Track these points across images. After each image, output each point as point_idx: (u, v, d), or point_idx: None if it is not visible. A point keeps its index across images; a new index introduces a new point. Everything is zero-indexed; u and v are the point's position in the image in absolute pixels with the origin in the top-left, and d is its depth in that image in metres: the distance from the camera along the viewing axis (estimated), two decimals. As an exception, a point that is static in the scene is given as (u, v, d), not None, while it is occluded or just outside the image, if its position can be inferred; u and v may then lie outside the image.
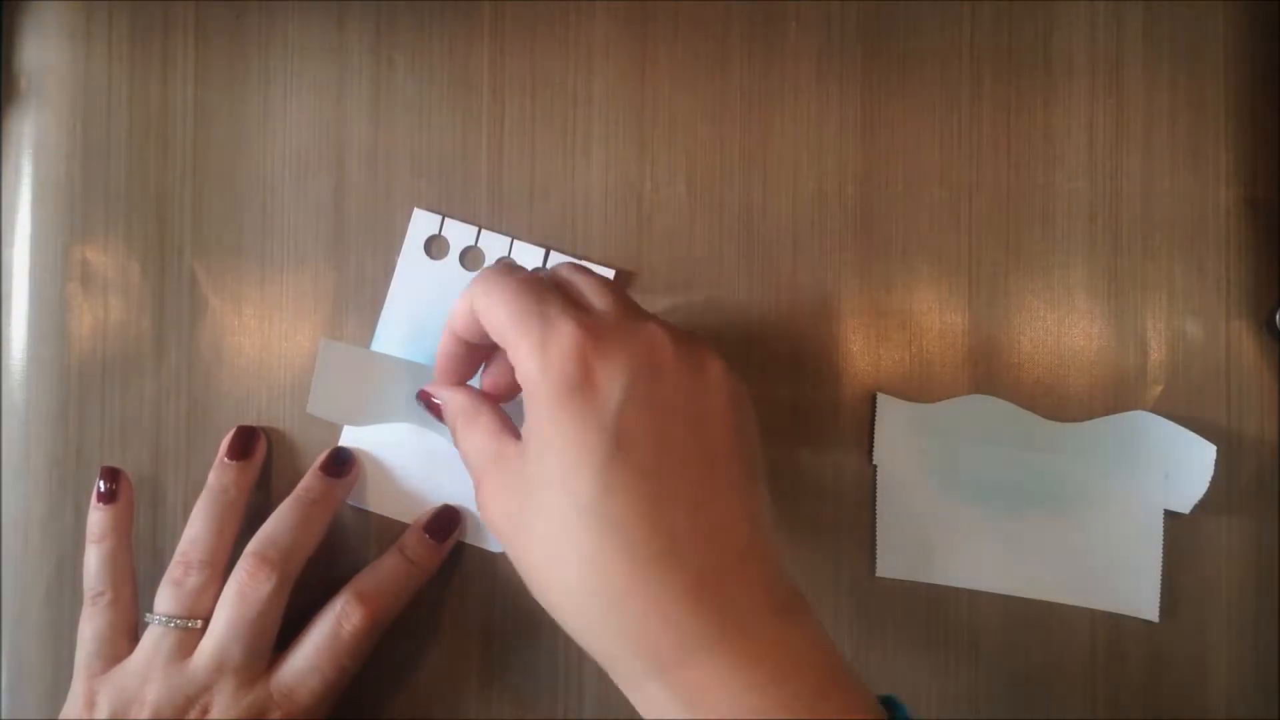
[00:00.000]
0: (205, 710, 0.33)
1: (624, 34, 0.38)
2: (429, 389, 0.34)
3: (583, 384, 0.27)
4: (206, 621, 0.34)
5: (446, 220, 0.38)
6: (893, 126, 0.38)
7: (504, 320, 0.29)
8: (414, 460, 0.38)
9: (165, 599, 0.34)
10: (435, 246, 0.38)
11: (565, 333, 0.28)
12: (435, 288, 0.38)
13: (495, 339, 0.30)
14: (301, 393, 0.38)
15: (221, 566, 0.35)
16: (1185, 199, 0.38)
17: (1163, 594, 0.37)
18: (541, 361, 0.28)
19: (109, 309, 0.38)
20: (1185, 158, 0.38)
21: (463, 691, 0.38)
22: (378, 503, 0.38)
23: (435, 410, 0.34)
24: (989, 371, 0.38)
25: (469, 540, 0.38)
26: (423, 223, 0.38)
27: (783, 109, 0.38)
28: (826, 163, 0.38)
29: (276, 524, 0.35)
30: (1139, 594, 0.37)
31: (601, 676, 0.38)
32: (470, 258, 0.38)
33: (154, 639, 0.34)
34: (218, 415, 0.38)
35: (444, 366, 0.33)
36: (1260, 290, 0.38)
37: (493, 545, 0.38)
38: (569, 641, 0.38)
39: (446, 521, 0.37)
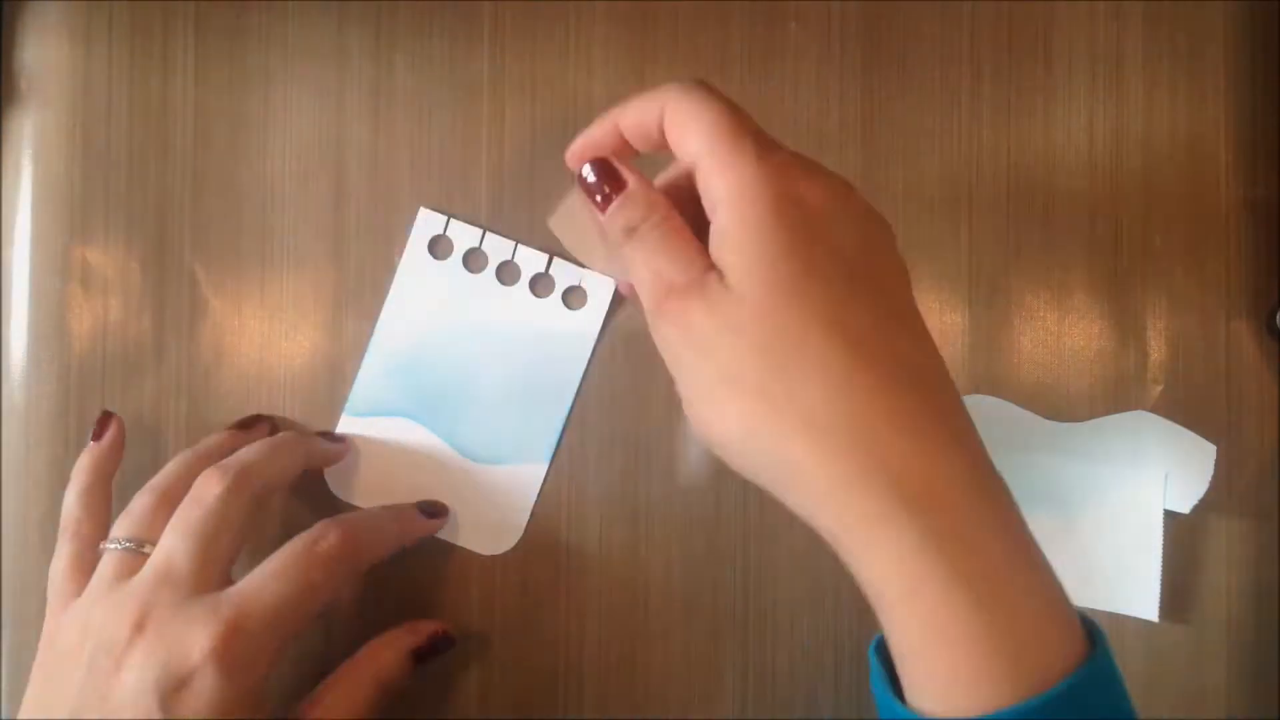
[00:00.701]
0: (141, 624, 0.30)
1: (624, 34, 0.38)
2: (598, 160, 0.29)
3: (799, 199, 0.26)
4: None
5: (452, 221, 0.38)
6: (893, 126, 0.38)
7: (711, 129, 0.27)
8: (408, 460, 0.38)
9: (118, 525, 0.33)
10: (439, 247, 0.38)
11: (781, 152, 0.27)
12: (437, 288, 0.38)
13: (688, 150, 0.27)
14: (301, 393, 0.38)
15: (177, 496, 0.33)
16: (1185, 199, 0.38)
17: (1163, 594, 0.37)
18: (758, 174, 0.26)
19: (109, 309, 0.38)
20: (1185, 158, 0.38)
21: (463, 691, 0.38)
22: (367, 498, 0.38)
23: (596, 191, 0.29)
24: (989, 371, 0.38)
25: (461, 543, 0.38)
26: (427, 222, 0.38)
27: (783, 109, 0.38)
28: (826, 162, 0.38)
29: (244, 448, 0.34)
30: (1139, 594, 0.37)
31: (602, 676, 0.38)
32: (473, 260, 0.38)
33: (103, 565, 0.32)
34: (218, 415, 0.38)
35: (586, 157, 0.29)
36: (1260, 290, 0.38)
37: (486, 549, 0.38)
38: (569, 641, 0.38)
39: (437, 507, 0.37)
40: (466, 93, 0.39)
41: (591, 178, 0.29)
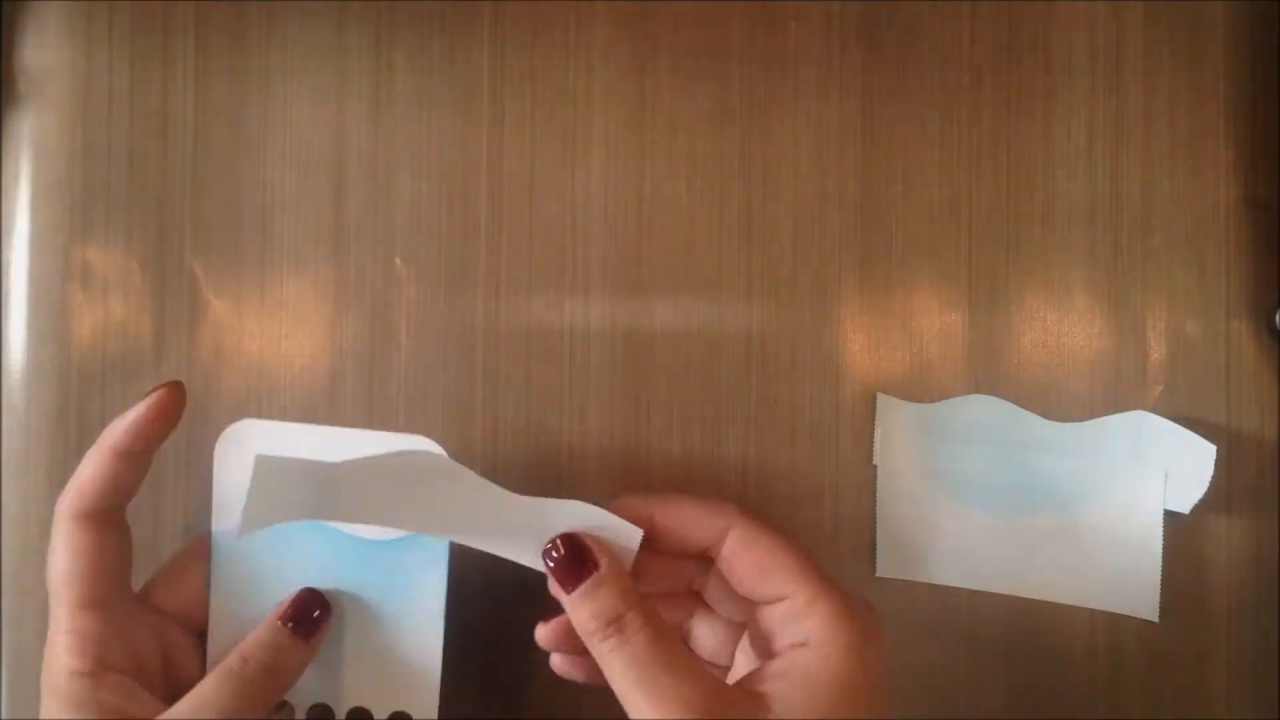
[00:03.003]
0: None
1: (624, 34, 0.38)
2: (570, 537, 0.28)
3: (882, 684, 0.26)
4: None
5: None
6: (893, 126, 0.38)
7: (804, 572, 0.27)
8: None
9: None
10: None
11: (876, 615, 0.27)
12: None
13: (772, 589, 0.27)
14: (301, 393, 0.38)
15: None
16: (1185, 199, 0.38)
17: (1163, 594, 0.37)
18: (861, 641, 0.26)
19: (109, 309, 0.38)
20: (1185, 158, 0.38)
21: (463, 693, 0.38)
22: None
23: (563, 570, 0.27)
24: (989, 371, 0.38)
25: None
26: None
27: (783, 109, 0.38)
28: (826, 163, 0.38)
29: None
30: (1139, 594, 0.37)
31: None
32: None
33: None
34: (218, 415, 0.38)
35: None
36: (1260, 290, 0.38)
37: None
38: (569, 641, 0.38)
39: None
40: (466, 93, 0.39)
41: (558, 557, 0.28)
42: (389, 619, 0.31)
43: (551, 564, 0.28)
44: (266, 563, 0.31)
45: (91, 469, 0.30)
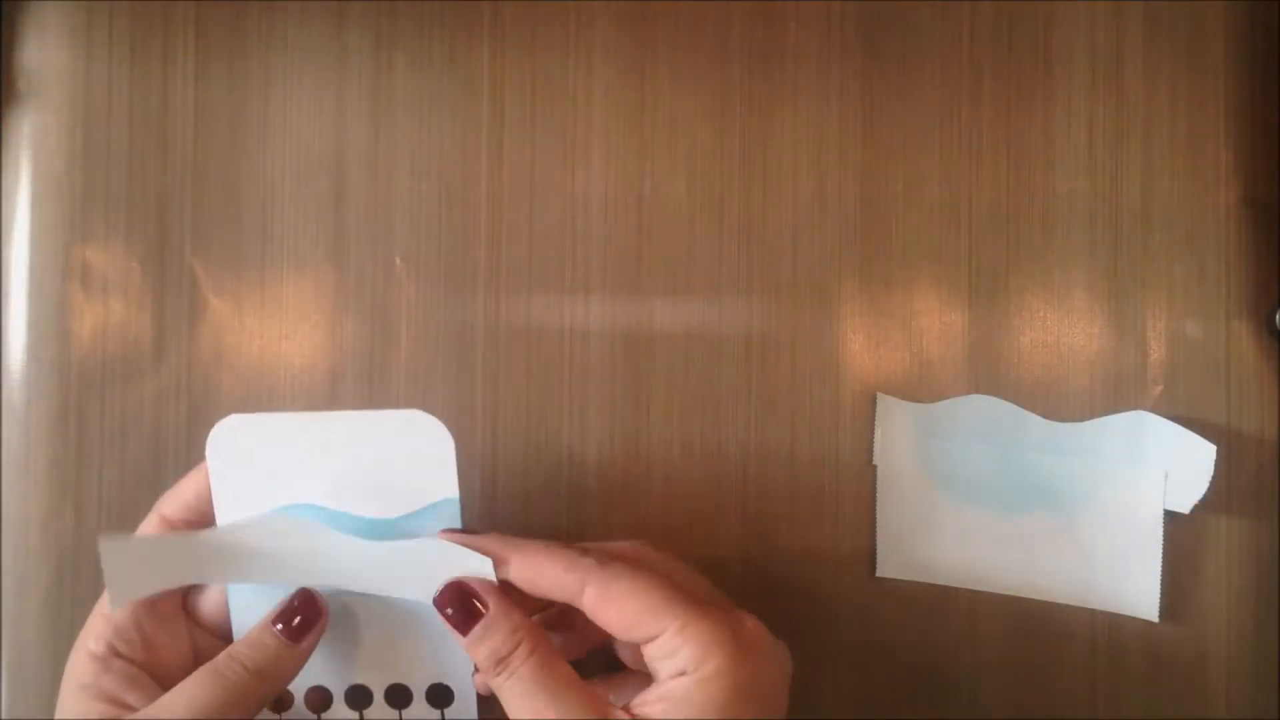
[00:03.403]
0: None
1: (624, 34, 0.38)
2: (454, 585, 0.28)
3: (766, 696, 0.27)
4: None
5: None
6: (893, 126, 0.38)
7: (656, 601, 0.27)
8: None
9: None
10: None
11: (755, 630, 0.27)
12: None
13: (644, 631, 0.27)
14: (301, 393, 0.38)
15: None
16: (1185, 199, 0.38)
17: (1163, 594, 0.37)
18: (733, 660, 0.26)
19: (109, 309, 0.38)
20: (1185, 158, 0.38)
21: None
22: None
23: (454, 618, 0.28)
24: (989, 371, 0.38)
25: None
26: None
27: (783, 109, 0.38)
28: (826, 163, 0.38)
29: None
30: (1139, 594, 0.37)
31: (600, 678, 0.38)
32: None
33: None
34: (218, 415, 0.38)
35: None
36: (1260, 290, 0.38)
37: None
38: (569, 641, 0.38)
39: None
40: (466, 93, 0.39)
41: (448, 606, 0.29)
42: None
43: (445, 611, 0.29)
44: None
45: (190, 481, 0.32)
